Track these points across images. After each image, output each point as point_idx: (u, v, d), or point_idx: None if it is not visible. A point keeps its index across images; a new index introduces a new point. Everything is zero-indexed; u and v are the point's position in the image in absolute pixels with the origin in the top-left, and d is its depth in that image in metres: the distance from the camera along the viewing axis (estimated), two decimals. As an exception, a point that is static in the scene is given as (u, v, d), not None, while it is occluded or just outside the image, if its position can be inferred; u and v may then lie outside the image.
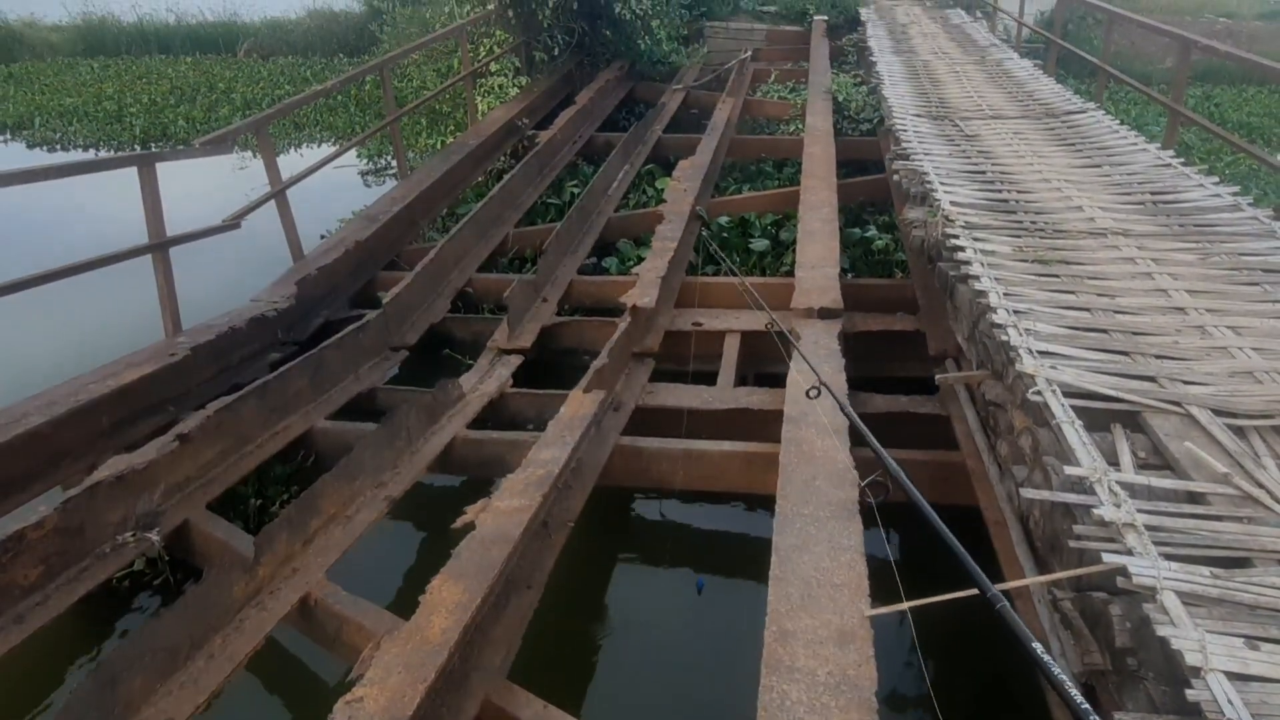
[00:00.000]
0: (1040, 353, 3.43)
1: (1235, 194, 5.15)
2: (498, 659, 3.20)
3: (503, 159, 9.80)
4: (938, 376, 4.50)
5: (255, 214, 6.03)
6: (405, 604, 3.25)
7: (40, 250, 8.46)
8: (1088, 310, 3.84)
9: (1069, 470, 2.75)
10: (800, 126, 9.85)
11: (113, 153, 13.04)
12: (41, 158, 13.32)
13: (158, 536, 3.92)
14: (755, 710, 2.42)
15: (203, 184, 10.40)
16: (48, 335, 7.07)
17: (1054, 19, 12.16)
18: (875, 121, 9.42)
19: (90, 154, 13.27)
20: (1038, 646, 1.94)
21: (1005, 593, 2.90)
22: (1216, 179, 5.45)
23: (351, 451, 4.22)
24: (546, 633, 3.82)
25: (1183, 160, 5.89)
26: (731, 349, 5.50)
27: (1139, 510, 2.55)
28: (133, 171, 5.16)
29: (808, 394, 3.12)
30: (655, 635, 3.59)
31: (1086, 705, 1.74)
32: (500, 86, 11.36)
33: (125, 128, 14.08)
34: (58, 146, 13.88)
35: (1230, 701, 1.93)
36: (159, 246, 5.20)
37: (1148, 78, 11.75)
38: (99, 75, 17.98)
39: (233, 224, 5.84)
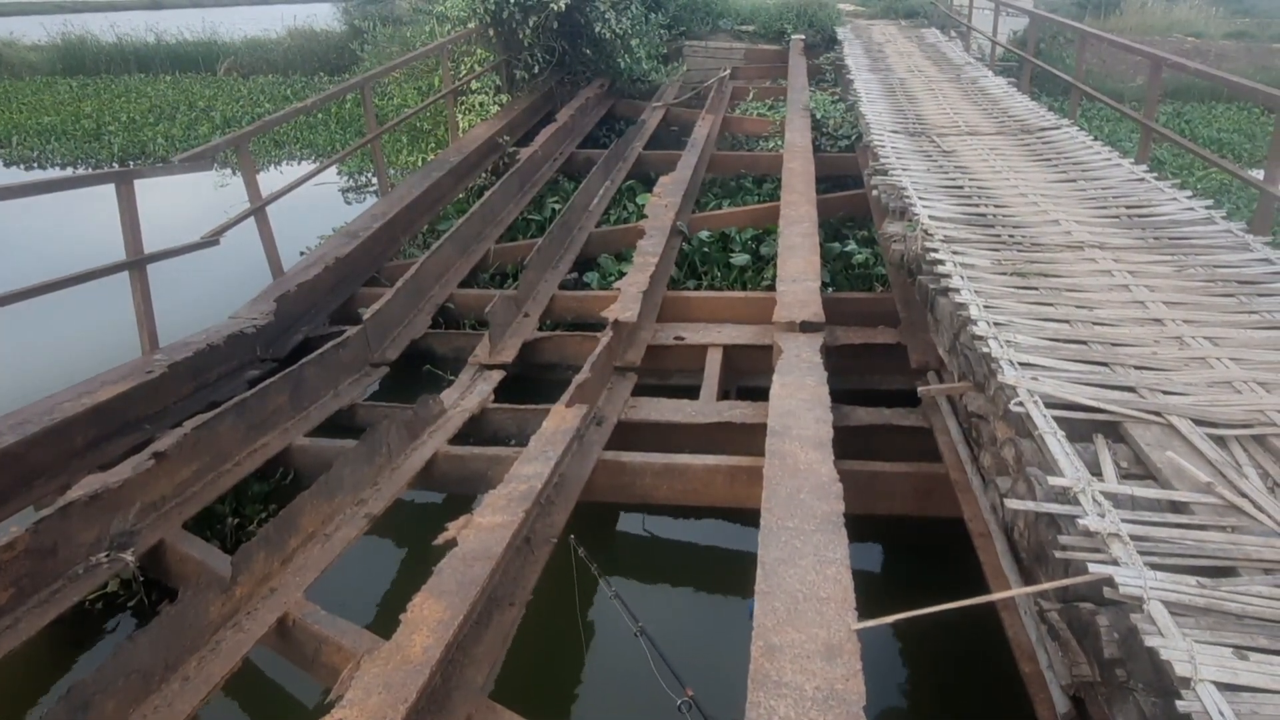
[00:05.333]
0: (1021, 364, 3.44)
1: (1209, 207, 5.22)
2: (480, 677, 3.15)
3: (484, 175, 9.80)
4: (920, 388, 4.52)
5: (235, 231, 5.99)
6: (386, 623, 3.20)
7: (16, 267, 8.36)
8: (1067, 322, 3.86)
9: (1052, 481, 2.75)
10: (779, 143, 9.90)
11: (91, 170, 12.94)
12: (19, 176, 13.21)
13: (132, 557, 3.84)
14: (742, 725, 2.39)
15: (183, 201, 10.34)
16: (22, 352, 6.97)
17: (1027, 38, 12.35)
18: (853, 138, 9.49)
19: (68, 172, 13.16)
20: None
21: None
22: (1190, 193, 5.53)
23: (331, 468, 4.17)
24: (530, 650, 3.77)
25: (1156, 175, 5.97)
26: (714, 363, 5.49)
27: (1123, 520, 2.55)
28: (111, 189, 5.11)
29: (679, 708, 2.89)
30: (639, 652, 3.55)
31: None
32: (481, 104, 11.38)
33: (104, 146, 14.00)
34: (35, 164, 13.78)
35: (1221, 713, 1.92)
36: (136, 263, 5.14)
37: (1119, 95, 11.95)
38: (78, 94, 17.90)
39: (212, 240, 5.79)
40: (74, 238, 9.48)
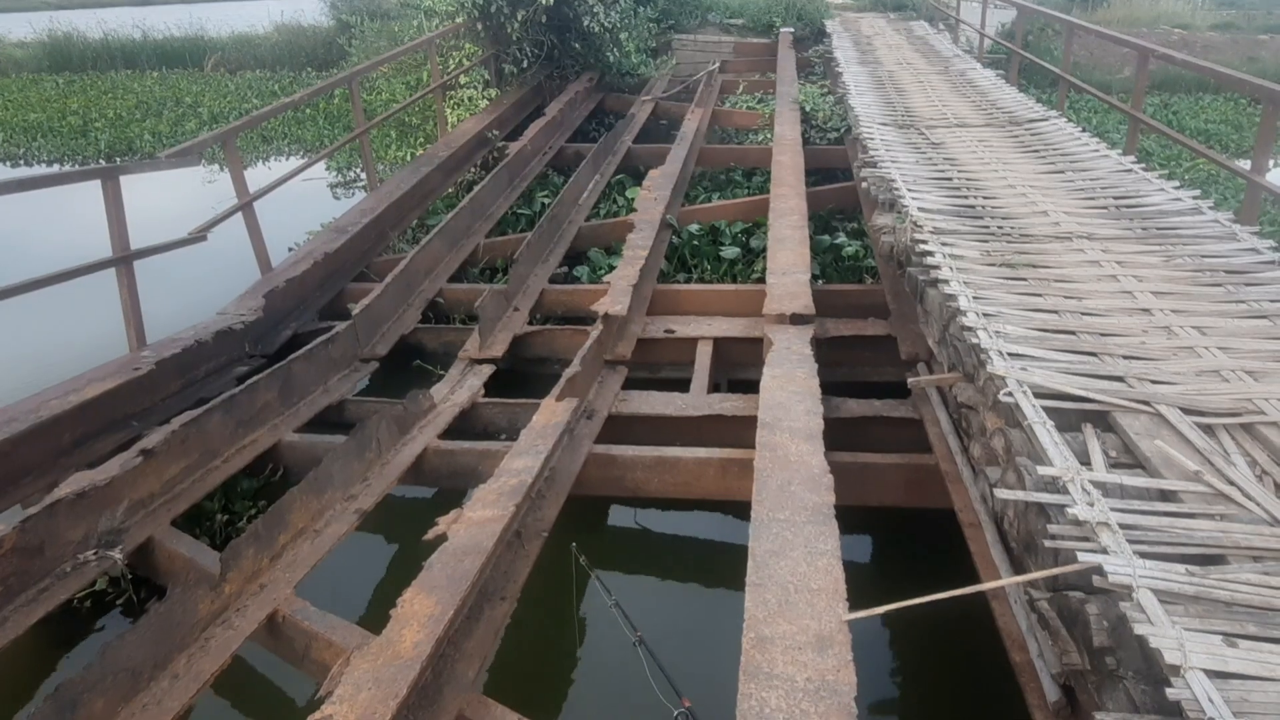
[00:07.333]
0: (1010, 354, 3.45)
1: (1196, 198, 5.24)
2: (471, 672, 3.14)
3: (473, 170, 9.76)
4: (910, 380, 4.53)
5: (223, 227, 5.94)
6: (376, 618, 3.19)
7: (2, 264, 8.29)
8: (1056, 313, 3.87)
9: (1042, 470, 2.76)
10: (769, 136, 9.91)
11: (77, 167, 12.84)
12: (5, 173, 13.10)
13: (120, 554, 3.81)
14: (734, 718, 2.39)
15: (170, 198, 10.27)
16: (8, 350, 6.92)
17: (1015, 30, 12.36)
18: (842, 130, 9.49)
19: (54, 168, 13.07)
20: None
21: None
22: (1177, 184, 5.54)
23: (320, 464, 4.15)
24: (521, 645, 3.77)
25: (1144, 166, 5.99)
26: (704, 355, 5.49)
27: (1112, 509, 2.56)
28: (97, 185, 5.06)
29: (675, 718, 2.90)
30: (635, 654, 3.56)
31: None
32: (470, 99, 11.33)
33: (90, 142, 13.90)
34: (21, 162, 13.67)
35: (1211, 700, 1.93)
36: (123, 260, 5.10)
37: (1107, 86, 11.96)
38: (64, 91, 17.76)
39: (199, 236, 5.75)
40: (60, 234, 9.40)
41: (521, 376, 5.86)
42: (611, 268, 6.64)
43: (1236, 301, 3.94)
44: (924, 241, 4.70)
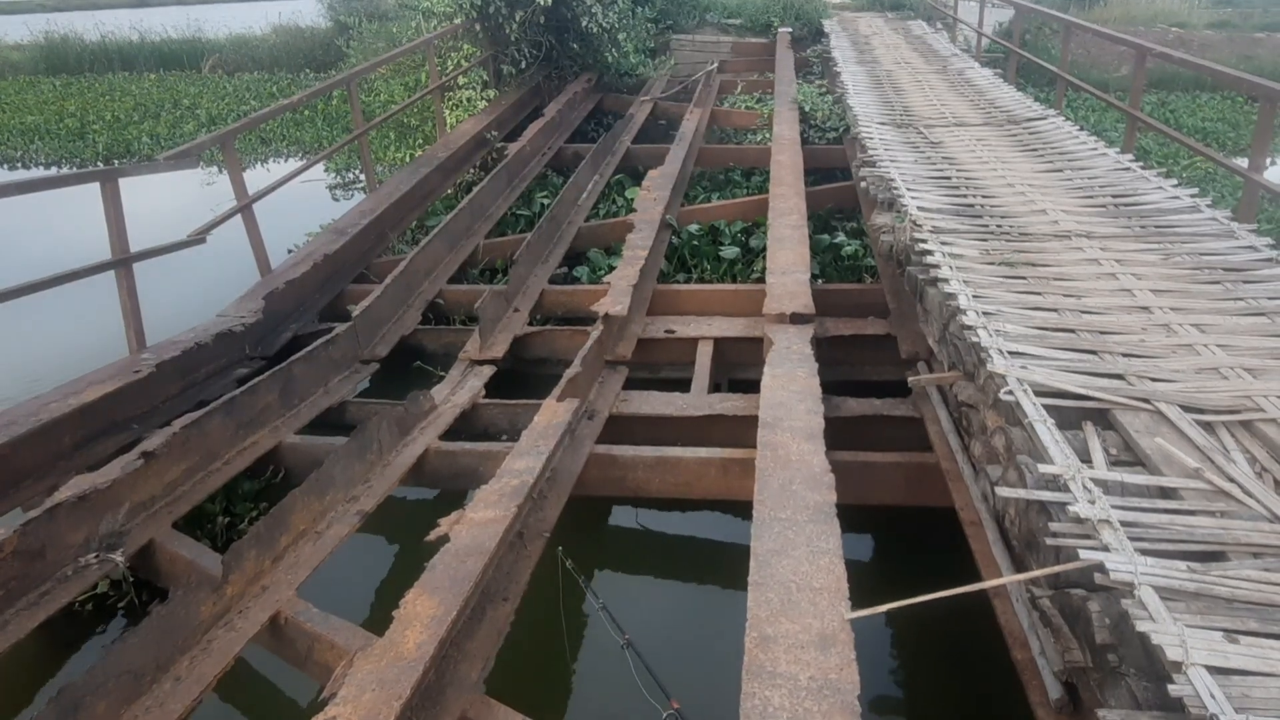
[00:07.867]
0: (1010, 353, 3.46)
1: (1194, 196, 5.25)
2: (475, 673, 3.14)
3: (472, 171, 9.77)
4: (910, 378, 4.53)
5: (222, 229, 5.94)
6: (379, 620, 3.20)
7: (1, 267, 8.29)
8: (1055, 311, 3.88)
9: (1043, 468, 2.76)
10: (767, 135, 9.91)
11: (75, 169, 12.84)
12: (2, 175, 13.10)
13: (122, 557, 3.81)
14: (738, 717, 2.39)
15: (169, 200, 10.27)
16: (8, 353, 6.91)
17: (1013, 29, 12.37)
18: (841, 130, 9.49)
19: (52, 171, 13.07)
20: None
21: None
22: (1175, 182, 5.55)
23: (322, 466, 4.15)
24: (524, 645, 3.77)
25: (1142, 164, 6.00)
26: (705, 355, 5.49)
27: (1113, 506, 2.56)
28: (95, 188, 5.06)
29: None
30: (634, 645, 3.57)
31: None
32: (468, 99, 11.34)
33: (88, 145, 13.90)
34: (19, 164, 13.67)
35: (1212, 695, 1.93)
36: (122, 262, 5.10)
37: (1104, 85, 11.97)
38: (61, 93, 17.77)
39: (198, 239, 5.75)
40: (59, 237, 9.41)
41: (522, 377, 5.86)
42: (611, 268, 6.64)
43: (1235, 299, 3.95)
44: (923, 240, 4.71)
